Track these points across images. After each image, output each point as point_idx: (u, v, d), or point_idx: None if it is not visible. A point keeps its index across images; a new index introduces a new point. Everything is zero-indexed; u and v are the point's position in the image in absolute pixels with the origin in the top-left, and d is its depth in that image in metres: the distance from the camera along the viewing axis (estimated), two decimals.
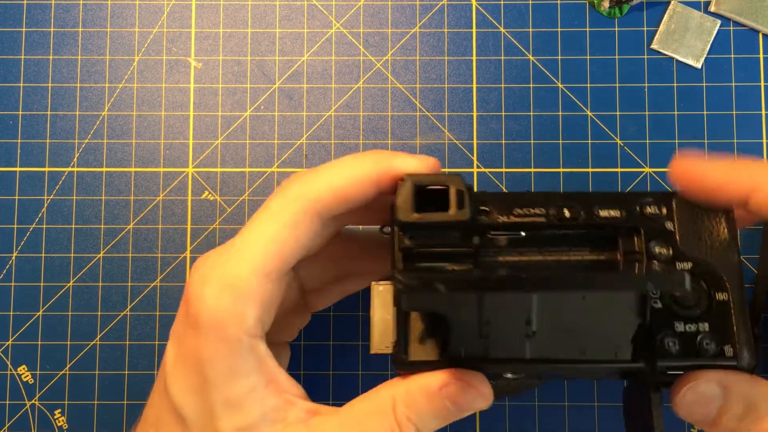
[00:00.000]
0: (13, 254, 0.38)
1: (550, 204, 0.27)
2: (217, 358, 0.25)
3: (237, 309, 0.25)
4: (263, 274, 0.25)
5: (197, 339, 0.25)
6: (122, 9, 0.40)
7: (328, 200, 0.26)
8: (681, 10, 0.39)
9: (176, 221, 0.39)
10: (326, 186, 0.26)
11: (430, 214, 0.26)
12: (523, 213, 0.27)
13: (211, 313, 0.25)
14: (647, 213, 0.27)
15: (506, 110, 0.39)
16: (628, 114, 0.39)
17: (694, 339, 0.26)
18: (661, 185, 0.38)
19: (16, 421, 0.38)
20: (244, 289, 0.25)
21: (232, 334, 0.25)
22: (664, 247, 0.27)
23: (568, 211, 0.27)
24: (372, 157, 0.27)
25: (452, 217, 0.26)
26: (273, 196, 0.27)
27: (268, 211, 0.26)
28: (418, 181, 0.26)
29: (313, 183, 0.26)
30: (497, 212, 0.27)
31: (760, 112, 0.39)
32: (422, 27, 0.40)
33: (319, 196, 0.26)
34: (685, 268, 0.27)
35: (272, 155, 0.39)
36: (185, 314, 0.26)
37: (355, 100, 0.39)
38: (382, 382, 0.27)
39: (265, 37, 0.40)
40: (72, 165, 0.39)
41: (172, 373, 0.26)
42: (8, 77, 0.40)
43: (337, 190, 0.26)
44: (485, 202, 0.27)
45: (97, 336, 0.38)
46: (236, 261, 0.26)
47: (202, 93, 0.39)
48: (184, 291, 0.27)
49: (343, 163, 0.27)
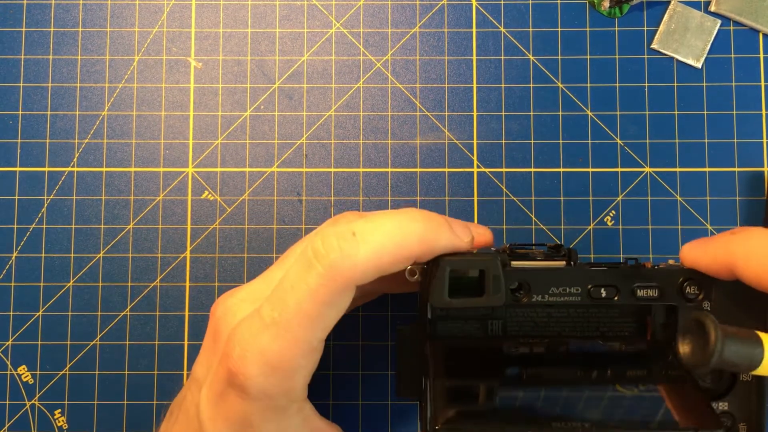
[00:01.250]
0: (13, 254, 0.38)
1: (587, 282, 0.27)
2: (266, 422, 0.26)
3: (286, 384, 0.25)
4: (309, 351, 0.25)
5: (245, 404, 0.25)
6: (122, 9, 0.40)
7: (371, 275, 0.25)
8: (681, 10, 0.39)
9: (176, 221, 0.39)
10: (370, 261, 0.25)
11: (464, 300, 0.25)
12: (560, 292, 0.27)
13: (261, 387, 0.25)
14: (686, 293, 0.27)
15: (506, 110, 0.39)
16: (628, 114, 0.39)
17: None
18: (661, 185, 0.38)
19: (16, 421, 0.37)
20: (292, 366, 0.25)
21: (282, 404, 0.26)
22: None
23: (605, 290, 0.27)
24: (419, 231, 0.25)
25: (486, 302, 0.25)
26: (309, 264, 0.25)
27: (307, 288, 0.25)
28: (454, 266, 0.25)
29: (356, 258, 0.24)
30: (533, 292, 0.27)
31: (760, 112, 0.39)
32: (422, 27, 0.40)
33: (363, 273, 0.25)
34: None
35: (272, 155, 0.39)
36: (226, 381, 0.26)
37: (355, 100, 0.39)
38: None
39: (265, 37, 0.40)
40: (72, 165, 0.39)
41: (212, 428, 0.26)
42: (8, 77, 0.40)
43: (381, 267, 0.25)
44: (522, 280, 0.27)
45: (97, 336, 0.38)
46: (281, 340, 0.25)
47: (202, 93, 0.39)
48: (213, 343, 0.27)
49: (389, 232, 0.25)
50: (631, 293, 0.27)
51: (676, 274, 0.27)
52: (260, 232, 0.38)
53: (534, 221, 0.38)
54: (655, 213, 0.38)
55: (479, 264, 0.26)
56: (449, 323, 0.28)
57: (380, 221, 0.25)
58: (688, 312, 0.27)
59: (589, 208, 0.38)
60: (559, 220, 0.38)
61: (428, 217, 0.26)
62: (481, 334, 0.28)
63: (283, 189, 0.39)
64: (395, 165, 0.39)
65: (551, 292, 0.27)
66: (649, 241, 0.38)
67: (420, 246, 0.25)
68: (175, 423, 0.29)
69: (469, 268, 0.26)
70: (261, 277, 0.29)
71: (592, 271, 0.27)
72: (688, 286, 0.27)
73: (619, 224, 0.38)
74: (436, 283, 0.25)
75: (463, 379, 0.26)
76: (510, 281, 0.26)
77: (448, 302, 0.25)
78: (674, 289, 0.27)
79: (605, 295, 0.27)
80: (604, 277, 0.27)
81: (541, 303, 0.27)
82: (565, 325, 0.29)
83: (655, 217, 0.38)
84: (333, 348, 0.38)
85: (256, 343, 0.25)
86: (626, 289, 0.27)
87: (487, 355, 0.28)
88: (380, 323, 0.38)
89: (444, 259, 0.25)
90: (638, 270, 0.27)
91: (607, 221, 0.38)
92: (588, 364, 0.28)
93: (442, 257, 0.25)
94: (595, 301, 0.27)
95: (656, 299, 0.27)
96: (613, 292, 0.27)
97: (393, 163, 0.39)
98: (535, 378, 0.27)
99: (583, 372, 0.27)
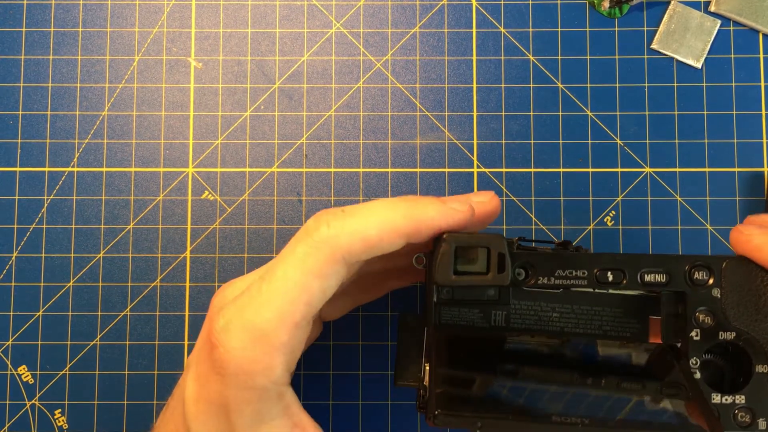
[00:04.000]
0: (13, 254, 0.38)
1: (594, 266, 0.26)
2: (244, 405, 0.25)
3: (265, 360, 0.25)
4: (292, 324, 0.25)
5: (223, 385, 0.25)
6: (122, 9, 0.40)
7: (356, 249, 0.25)
8: (681, 10, 0.39)
9: (176, 221, 0.39)
10: (355, 234, 0.25)
11: (469, 277, 0.25)
12: (566, 275, 0.26)
13: (239, 362, 0.25)
14: (695, 279, 0.27)
15: (506, 110, 0.39)
16: (628, 114, 0.39)
17: (729, 411, 0.26)
18: (661, 185, 0.38)
19: (16, 421, 0.37)
20: (272, 340, 0.25)
21: (260, 384, 0.25)
22: (708, 315, 0.26)
23: (612, 274, 0.26)
24: (405, 207, 0.26)
25: (491, 281, 0.25)
26: (300, 238, 0.26)
27: (294, 257, 0.25)
28: (458, 242, 0.25)
29: (341, 229, 0.25)
30: (539, 274, 0.26)
31: (760, 112, 0.39)
32: (422, 27, 0.40)
33: (348, 244, 0.25)
34: (728, 338, 0.26)
35: (272, 155, 0.39)
36: (209, 356, 0.26)
37: (355, 100, 0.39)
38: None
39: (265, 37, 0.40)
40: (72, 165, 0.39)
41: (194, 412, 0.26)
42: (8, 77, 0.40)
43: (366, 239, 0.25)
44: (528, 262, 0.26)
45: (97, 336, 0.38)
46: (264, 309, 0.25)
47: (202, 93, 0.39)
48: (207, 330, 0.26)
49: (375, 209, 0.26)
50: (638, 278, 0.26)
51: (683, 260, 0.26)
52: (260, 232, 0.38)
53: (534, 221, 0.38)
54: (655, 213, 0.38)
55: (484, 241, 0.25)
56: (453, 311, 0.28)
57: (370, 203, 0.26)
58: (697, 299, 0.26)
59: (589, 208, 0.38)
60: (559, 220, 0.38)
61: (416, 196, 0.26)
62: (484, 324, 0.28)
63: (283, 189, 0.39)
64: (395, 165, 0.39)
65: (557, 275, 0.26)
66: (649, 241, 0.38)
67: (406, 220, 0.25)
68: (167, 409, 0.29)
69: (474, 244, 0.25)
70: (261, 267, 0.29)
71: (599, 255, 0.26)
72: (696, 271, 0.26)
73: (619, 224, 0.38)
74: (442, 259, 0.25)
75: (464, 367, 0.26)
76: (516, 261, 0.26)
77: (453, 280, 0.25)
78: (682, 275, 0.26)
79: (612, 279, 0.26)
80: (611, 261, 0.26)
81: (546, 285, 0.26)
82: (569, 321, 0.29)
83: (655, 217, 0.38)
84: (333, 348, 0.38)
85: (240, 314, 0.25)
86: (633, 274, 0.26)
87: (490, 346, 0.28)
88: (380, 323, 0.38)
89: (449, 235, 0.25)
90: (645, 256, 0.27)
91: (607, 221, 0.38)
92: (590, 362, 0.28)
93: (447, 234, 0.25)
94: (602, 285, 0.26)
95: (664, 284, 0.26)
96: (620, 276, 0.26)
97: (393, 163, 0.39)
98: (537, 371, 0.27)
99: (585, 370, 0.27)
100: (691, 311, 0.27)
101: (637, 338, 0.29)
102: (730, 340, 0.26)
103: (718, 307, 0.26)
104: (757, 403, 0.26)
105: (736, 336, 0.26)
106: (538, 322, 0.29)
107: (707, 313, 0.27)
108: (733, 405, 0.26)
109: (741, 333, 0.26)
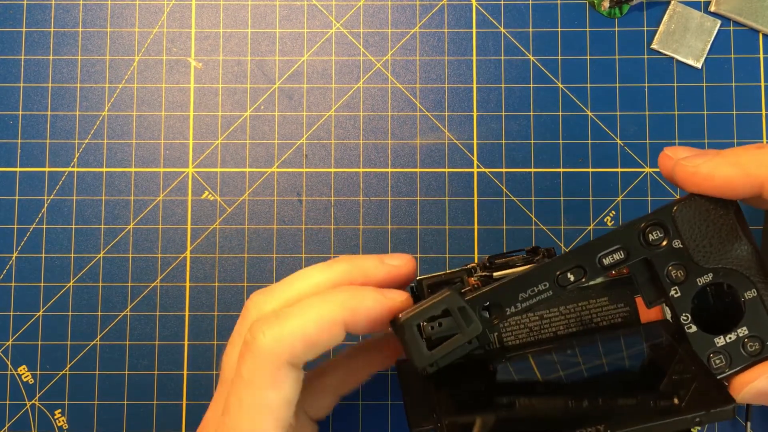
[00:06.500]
0: (13, 254, 0.38)
1: (551, 273, 0.26)
2: None
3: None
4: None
5: None
6: (122, 9, 0.40)
7: (298, 350, 0.25)
8: (681, 10, 0.39)
9: (176, 221, 0.39)
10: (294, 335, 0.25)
11: (445, 345, 0.25)
12: (529, 294, 0.26)
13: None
14: (651, 240, 0.26)
15: (506, 110, 0.39)
16: (628, 114, 0.39)
17: (738, 346, 0.26)
18: (661, 185, 0.38)
19: (16, 421, 0.38)
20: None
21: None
22: (679, 269, 0.26)
23: (571, 273, 0.25)
24: (341, 299, 0.26)
25: (467, 336, 0.25)
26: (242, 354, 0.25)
27: (242, 381, 0.25)
28: (415, 319, 0.25)
29: (279, 333, 0.25)
30: (504, 306, 0.26)
31: (760, 112, 0.39)
32: (422, 27, 0.40)
33: (290, 347, 0.25)
34: (706, 281, 0.26)
35: (272, 155, 0.39)
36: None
37: (355, 100, 0.39)
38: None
39: (265, 37, 0.40)
40: (72, 165, 0.39)
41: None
42: (8, 77, 0.40)
43: (306, 338, 0.25)
44: (489, 302, 0.26)
45: (97, 336, 0.38)
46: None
47: (202, 93, 0.39)
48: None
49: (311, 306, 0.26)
50: (598, 266, 0.26)
51: (631, 226, 0.26)
52: (260, 232, 0.38)
53: (534, 221, 0.38)
54: None
55: (439, 304, 0.25)
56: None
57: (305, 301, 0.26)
58: (662, 259, 0.26)
59: (589, 208, 0.38)
60: (559, 220, 0.38)
61: (352, 286, 0.27)
62: (481, 350, 0.28)
63: (283, 189, 0.39)
64: (395, 165, 0.39)
65: (521, 298, 0.25)
66: None
67: (344, 312, 0.25)
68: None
69: (432, 313, 0.25)
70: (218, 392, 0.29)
71: (552, 261, 0.26)
72: (650, 232, 0.26)
73: (619, 224, 0.38)
74: (411, 345, 0.25)
75: (474, 408, 0.26)
76: (476, 306, 0.25)
77: (433, 354, 0.25)
78: (637, 243, 0.26)
79: (573, 278, 0.25)
80: (565, 261, 0.26)
81: (517, 312, 0.26)
82: (560, 324, 0.29)
83: None
84: (333, 348, 0.38)
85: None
86: (591, 265, 0.26)
87: (493, 373, 0.28)
88: None
89: (404, 319, 0.25)
90: (594, 241, 0.26)
91: (607, 221, 0.38)
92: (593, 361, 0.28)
93: (399, 317, 0.25)
94: (567, 288, 0.26)
95: (625, 260, 0.26)
96: (580, 273, 0.26)
97: (393, 163, 0.39)
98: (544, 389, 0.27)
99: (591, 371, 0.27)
100: (662, 272, 0.26)
101: (629, 322, 0.28)
102: (710, 282, 0.26)
103: (685, 256, 0.26)
104: (759, 328, 0.26)
105: (714, 276, 0.26)
106: (530, 333, 0.29)
107: (677, 267, 0.26)
108: (738, 339, 0.26)
109: (717, 271, 0.26)
